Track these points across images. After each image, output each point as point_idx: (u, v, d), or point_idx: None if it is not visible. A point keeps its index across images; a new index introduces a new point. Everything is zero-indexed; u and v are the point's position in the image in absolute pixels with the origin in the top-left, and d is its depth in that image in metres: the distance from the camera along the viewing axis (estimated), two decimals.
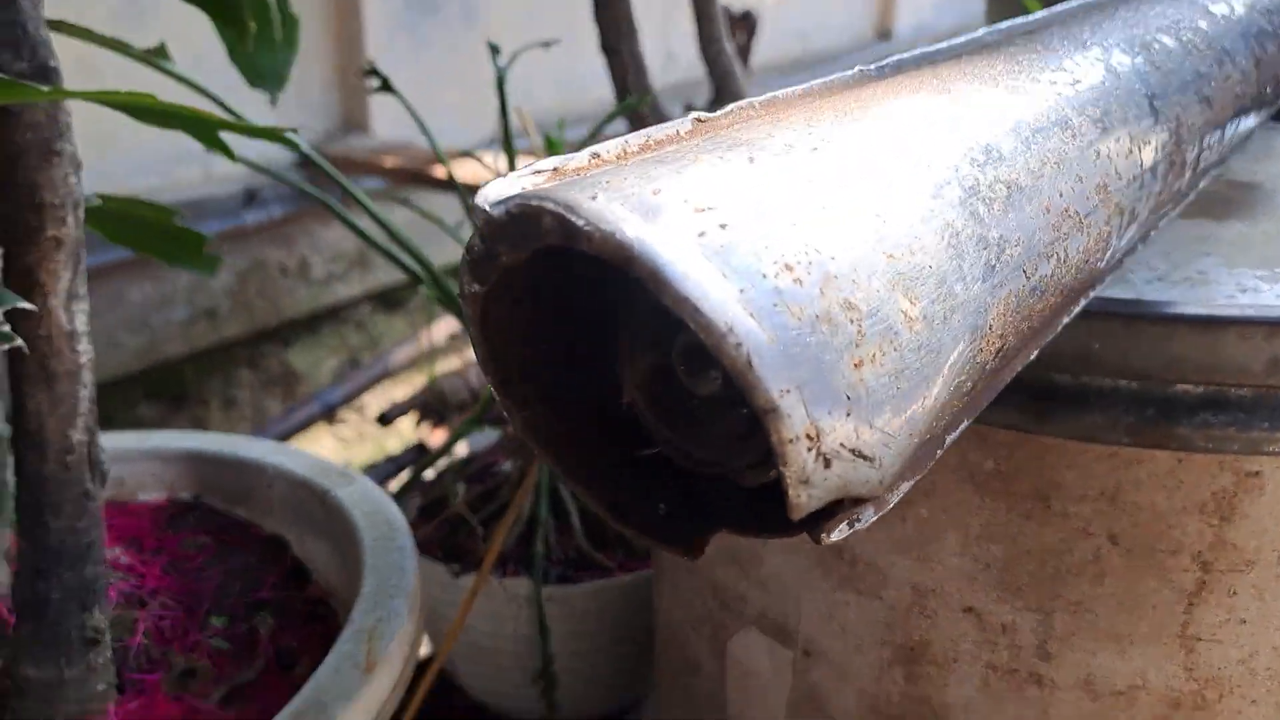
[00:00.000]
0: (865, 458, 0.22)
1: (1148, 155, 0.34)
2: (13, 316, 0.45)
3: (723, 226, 0.20)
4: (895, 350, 0.22)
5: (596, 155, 0.23)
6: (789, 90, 0.28)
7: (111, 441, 0.68)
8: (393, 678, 0.45)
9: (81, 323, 0.47)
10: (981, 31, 0.37)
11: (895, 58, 0.33)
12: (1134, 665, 0.43)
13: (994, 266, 0.25)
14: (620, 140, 0.24)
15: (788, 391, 0.20)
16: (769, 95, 0.28)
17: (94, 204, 0.49)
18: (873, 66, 0.32)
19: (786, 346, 0.20)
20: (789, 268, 0.21)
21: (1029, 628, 0.44)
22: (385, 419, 1.57)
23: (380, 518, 0.55)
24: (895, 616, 0.47)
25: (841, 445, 0.21)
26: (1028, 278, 0.26)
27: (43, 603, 0.48)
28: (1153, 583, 0.42)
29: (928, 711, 0.48)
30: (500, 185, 0.21)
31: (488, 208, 0.21)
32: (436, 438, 1.29)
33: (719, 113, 0.26)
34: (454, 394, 1.29)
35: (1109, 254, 0.32)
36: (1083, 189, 0.29)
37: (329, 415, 1.58)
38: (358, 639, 0.46)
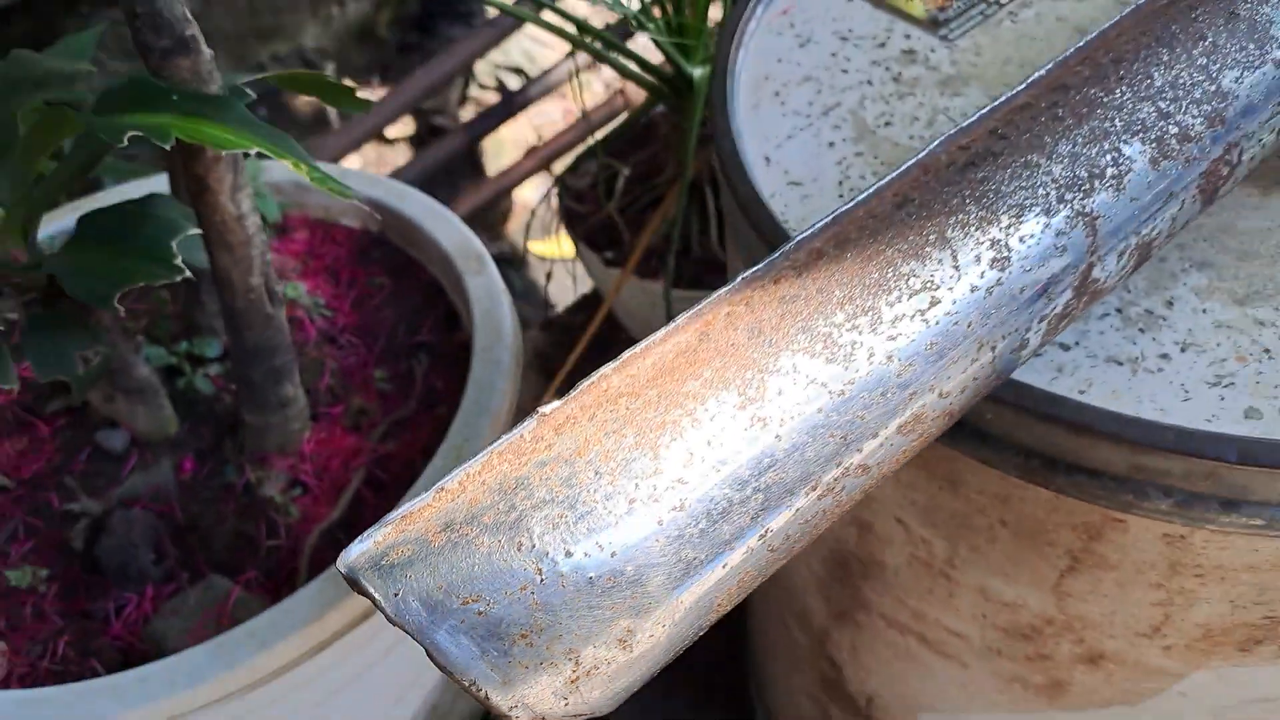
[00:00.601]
0: (590, 711, 0.33)
1: (1012, 347, 0.38)
2: (198, 208, 0.58)
3: (480, 613, 0.30)
4: (612, 664, 0.32)
5: (442, 489, 0.32)
6: (642, 349, 0.35)
7: None
8: None
9: (246, 206, 0.59)
10: (911, 167, 0.39)
11: (781, 254, 0.37)
12: (1018, 592, 0.53)
13: (734, 569, 0.33)
14: (464, 469, 0.33)
15: (515, 706, 0.31)
16: (623, 361, 0.35)
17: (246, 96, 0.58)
18: (738, 281, 0.36)
19: (515, 684, 0.31)
20: (524, 635, 0.31)
21: (940, 547, 0.54)
22: None
23: (491, 322, 0.68)
24: None
25: (565, 714, 0.33)
26: (773, 550, 0.34)
27: (248, 380, 0.65)
28: (1032, 555, 0.50)
29: (872, 563, 0.59)
30: (355, 547, 0.32)
31: (342, 568, 0.31)
32: None
33: (563, 405, 0.34)
34: None
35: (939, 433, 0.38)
36: (876, 443, 0.35)
37: None
38: (447, 456, 0.61)
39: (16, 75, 0.61)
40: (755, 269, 0.37)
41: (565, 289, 1.37)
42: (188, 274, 0.53)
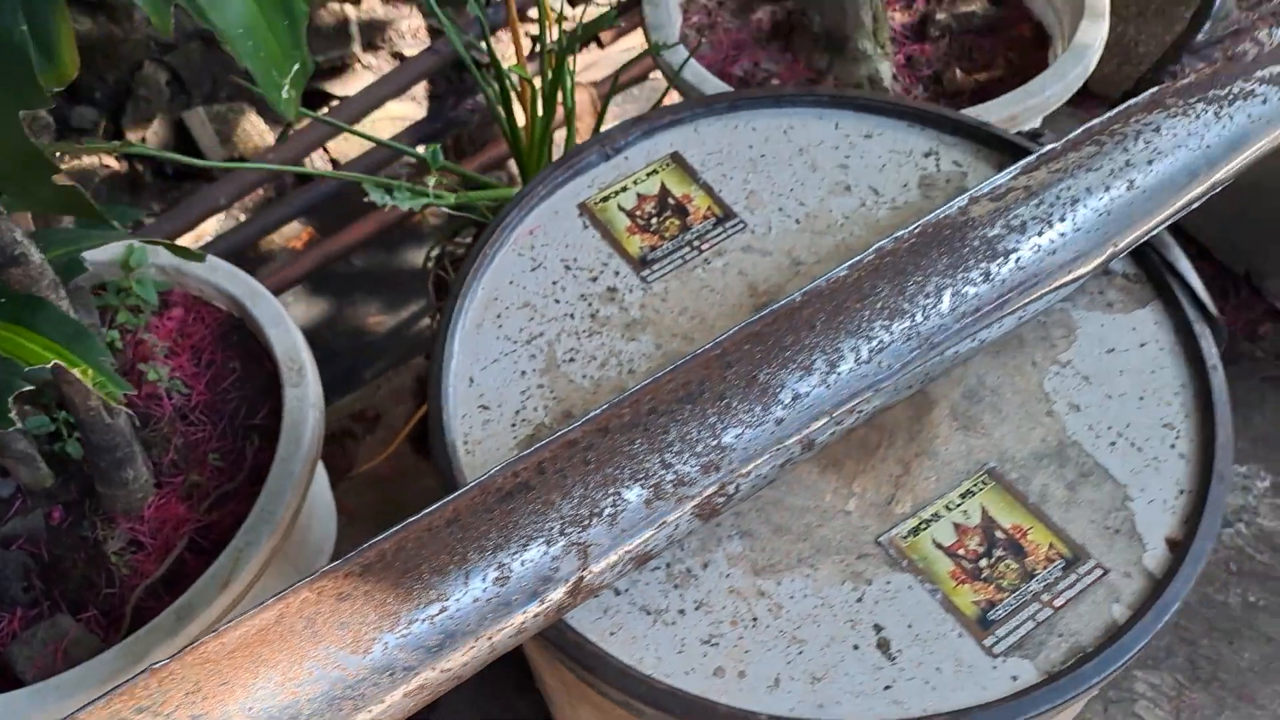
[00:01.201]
0: None
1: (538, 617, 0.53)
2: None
3: None
4: None
5: (74, 717, 0.49)
6: (238, 622, 0.51)
7: (195, 269, 0.96)
8: (244, 584, 0.78)
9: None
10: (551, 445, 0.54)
11: (358, 551, 0.52)
12: None
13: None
14: (94, 703, 0.49)
15: None
16: (222, 630, 0.51)
17: (82, 269, 0.73)
18: (318, 572, 0.52)
19: None
20: None
21: (558, 689, 0.70)
22: None
23: (295, 434, 0.83)
24: None
25: None
26: None
27: (98, 467, 0.82)
28: (607, 716, 0.66)
29: (539, 675, 0.76)
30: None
31: None
32: None
33: (169, 663, 0.50)
34: None
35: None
36: (383, 705, 0.51)
37: None
38: (228, 556, 0.78)
39: None
40: (335, 563, 0.53)
41: None
42: (18, 425, 0.69)
